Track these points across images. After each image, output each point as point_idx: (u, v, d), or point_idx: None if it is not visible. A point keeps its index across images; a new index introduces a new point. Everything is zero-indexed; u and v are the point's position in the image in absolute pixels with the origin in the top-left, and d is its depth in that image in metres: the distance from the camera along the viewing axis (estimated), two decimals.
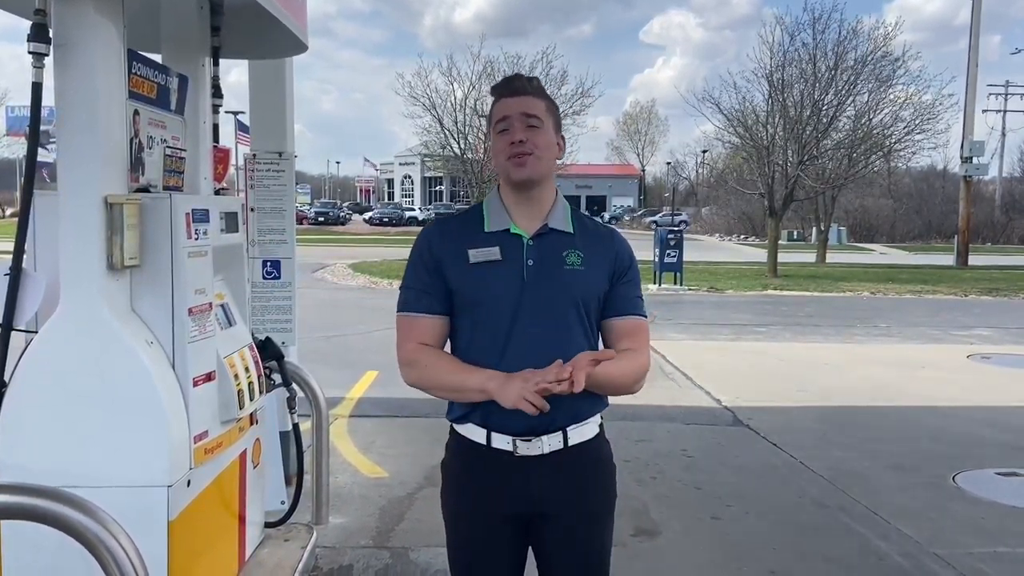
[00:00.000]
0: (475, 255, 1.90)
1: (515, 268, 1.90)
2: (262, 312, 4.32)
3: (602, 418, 2.01)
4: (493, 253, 1.90)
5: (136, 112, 2.57)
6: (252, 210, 4.28)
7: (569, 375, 1.70)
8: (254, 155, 4.25)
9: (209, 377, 2.60)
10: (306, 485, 3.62)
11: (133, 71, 2.54)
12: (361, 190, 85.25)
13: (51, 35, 2.26)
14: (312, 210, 50.46)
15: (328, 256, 23.63)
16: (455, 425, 1.97)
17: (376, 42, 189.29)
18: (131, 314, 2.43)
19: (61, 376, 2.31)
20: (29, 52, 2.22)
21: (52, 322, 2.32)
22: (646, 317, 2.03)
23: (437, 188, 71.57)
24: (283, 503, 3.85)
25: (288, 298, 4.35)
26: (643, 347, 1.99)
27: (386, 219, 52.41)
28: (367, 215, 57.50)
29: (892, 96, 22.08)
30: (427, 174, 69.11)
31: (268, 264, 4.30)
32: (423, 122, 28.42)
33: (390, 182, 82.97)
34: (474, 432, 1.92)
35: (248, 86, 4.26)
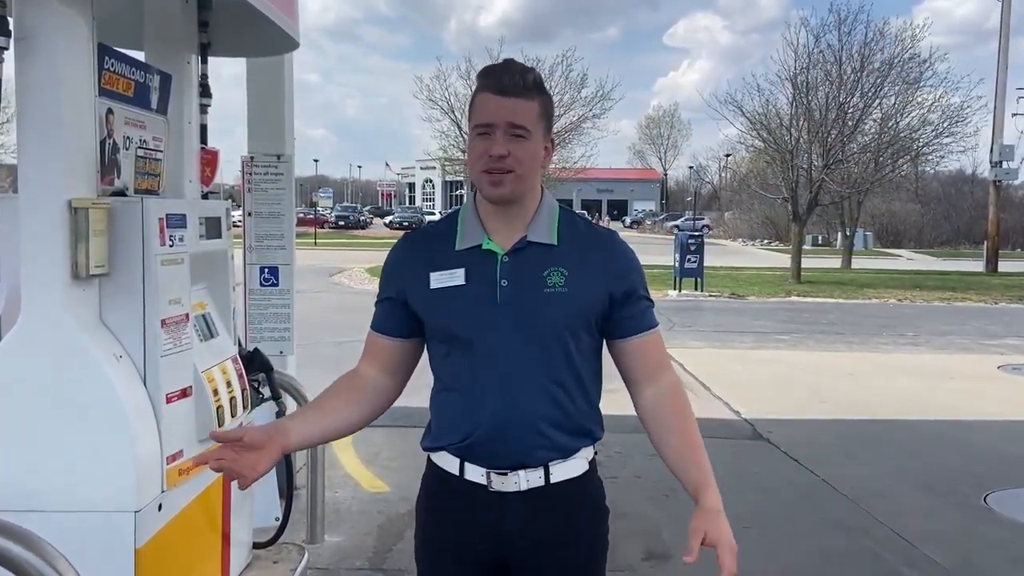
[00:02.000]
0: (436, 279, 1.69)
1: (486, 290, 1.67)
2: (259, 320, 4.17)
3: (596, 452, 1.81)
4: (456, 276, 1.68)
5: (110, 111, 2.43)
6: (250, 214, 4.13)
7: None
8: (251, 157, 4.11)
9: (184, 393, 2.44)
10: (304, 502, 3.47)
11: (106, 67, 2.40)
12: (382, 194, 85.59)
13: (11, 28, 2.11)
14: (333, 214, 50.76)
15: (346, 260, 23.59)
16: (430, 455, 1.79)
17: (401, 47, 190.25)
18: (99, 326, 2.28)
19: (21, 391, 2.15)
20: None
21: (12, 334, 2.17)
22: (657, 325, 1.78)
23: (458, 192, 71.59)
24: (277, 519, 3.70)
25: (286, 306, 4.19)
26: (667, 366, 1.78)
27: (406, 223, 52.41)
28: (387, 219, 57.63)
29: (920, 99, 21.70)
30: (448, 178, 69.15)
31: (266, 271, 4.15)
32: (442, 125, 28.44)
33: (411, 186, 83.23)
34: (448, 461, 1.73)
35: (245, 85, 4.11)
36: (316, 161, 79.87)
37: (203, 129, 3.11)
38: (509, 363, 1.65)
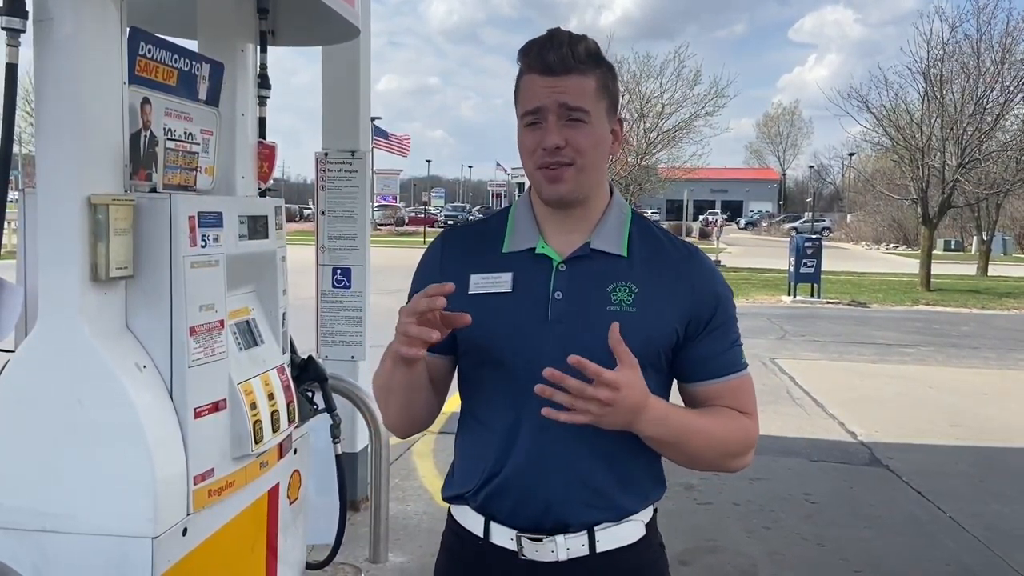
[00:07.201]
0: (477, 283, 1.41)
1: (536, 303, 1.38)
2: (331, 323, 4.01)
3: (655, 511, 1.46)
4: (502, 283, 1.40)
5: (146, 100, 2.26)
6: (323, 213, 3.97)
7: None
8: (325, 154, 3.95)
9: (217, 407, 2.24)
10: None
11: (140, 53, 2.22)
12: (492, 194, 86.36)
13: (28, 8, 1.96)
14: (442, 213, 51.95)
15: None
16: (450, 507, 1.50)
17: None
18: (123, 333, 2.10)
19: (34, 404, 2.00)
20: (2, 28, 1.92)
21: (27, 342, 2.02)
22: (746, 367, 1.45)
23: None
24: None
25: (358, 309, 4.01)
26: (748, 407, 1.43)
27: None
28: None
29: None
30: None
31: (338, 272, 3.98)
32: None
33: (521, 186, 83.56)
34: (470, 520, 1.44)
35: (321, 79, 3.96)
36: (428, 161, 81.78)
37: (261, 122, 2.96)
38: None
